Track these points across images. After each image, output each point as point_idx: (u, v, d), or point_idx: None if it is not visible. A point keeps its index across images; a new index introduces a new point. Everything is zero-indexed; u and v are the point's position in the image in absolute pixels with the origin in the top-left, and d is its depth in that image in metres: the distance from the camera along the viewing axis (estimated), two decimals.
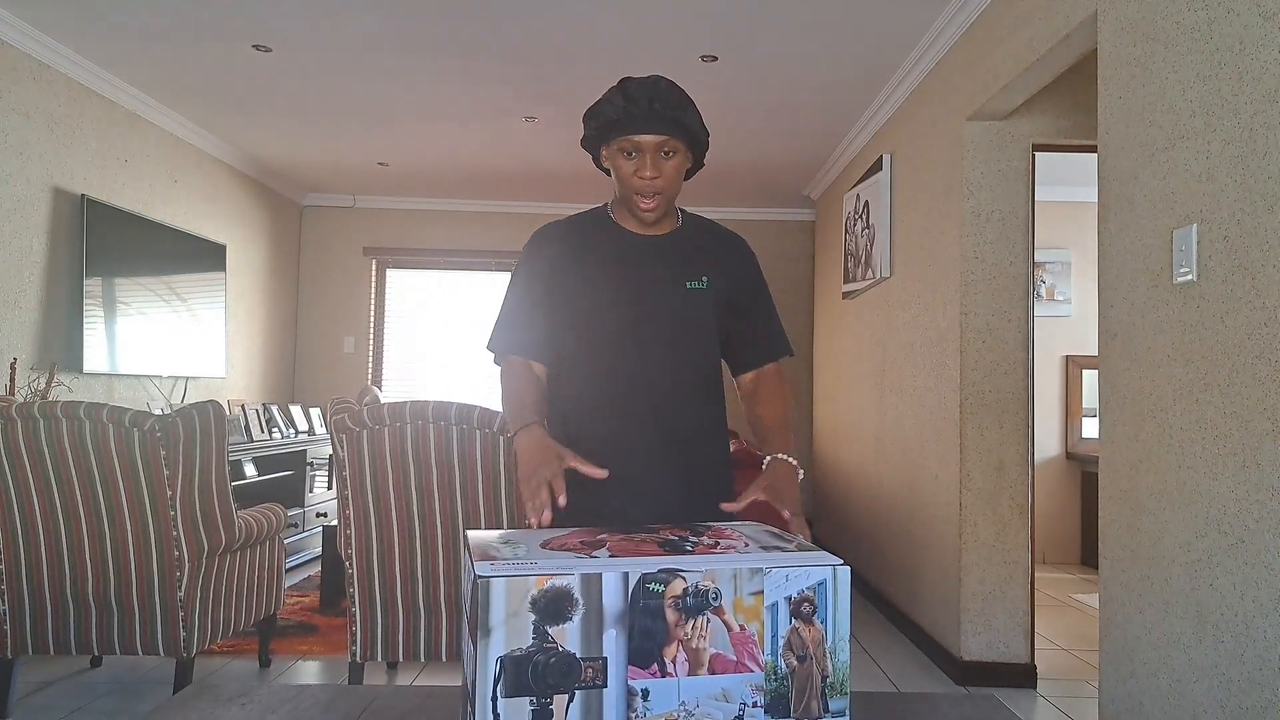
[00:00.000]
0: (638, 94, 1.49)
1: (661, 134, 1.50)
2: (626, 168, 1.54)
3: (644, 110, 1.49)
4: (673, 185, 1.56)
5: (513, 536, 0.88)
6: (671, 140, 1.51)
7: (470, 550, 0.81)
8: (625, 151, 1.53)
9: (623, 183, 1.56)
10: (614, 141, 1.54)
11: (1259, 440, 1.73)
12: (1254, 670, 1.74)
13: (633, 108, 1.49)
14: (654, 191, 1.54)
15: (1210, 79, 1.91)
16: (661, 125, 1.50)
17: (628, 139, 1.51)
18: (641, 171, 1.52)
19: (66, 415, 2.65)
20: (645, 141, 1.50)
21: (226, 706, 0.98)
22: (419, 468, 2.61)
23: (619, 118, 1.51)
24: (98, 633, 2.77)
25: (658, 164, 1.53)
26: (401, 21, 3.61)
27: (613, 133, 1.53)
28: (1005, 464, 3.34)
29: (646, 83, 1.51)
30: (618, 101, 1.51)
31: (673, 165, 1.54)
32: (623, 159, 1.54)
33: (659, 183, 1.53)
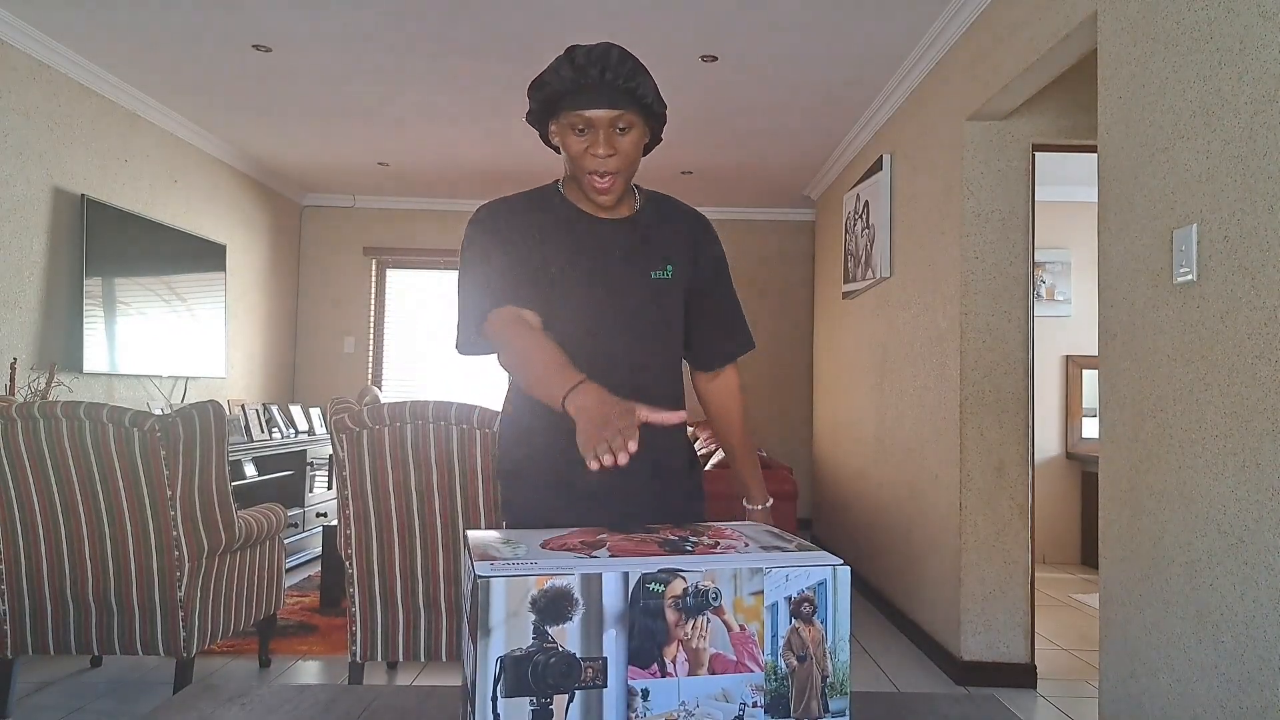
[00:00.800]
0: (586, 63, 1.34)
1: (615, 108, 1.36)
2: (577, 145, 1.39)
3: (594, 81, 1.34)
4: (630, 163, 1.41)
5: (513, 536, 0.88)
6: (626, 114, 1.37)
7: (470, 550, 0.81)
8: (575, 127, 1.38)
9: (574, 161, 1.41)
10: (562, 116, 1.39)
11: (1259, 440, 1.73)
12: (1254, 670, 1.74)
13: (581, 78, 1.34)
14: (608, 171, 1.39)
15: (1210, 79, 1.90)
16: (615, 98, 1.35)
17: (577, 114, 1.36)
18: (595, 149, 1.37)
19: (66, 415, 2.65)
20: (597, 116, 1.36)
21: (226, 707, 0.98)
22: (419, 468, 2.61)
23: (567, 89, 1.36)
24: (98, 633, 2.77)
25: (612, 140, 1.38)
26: (401, 21, 3.61)
27: (560, 106, 1.38)
28: (1005, 464, 3.34)
29: (596, 51, 1.36)
30: (565, 72, 1.35)
31: (629, 141, 1.39)
32: (573, 135, 1.39)
33: (614, 161, 1.39)
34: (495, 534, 0.90)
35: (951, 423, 3.45)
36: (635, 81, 1.36)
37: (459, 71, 4.16)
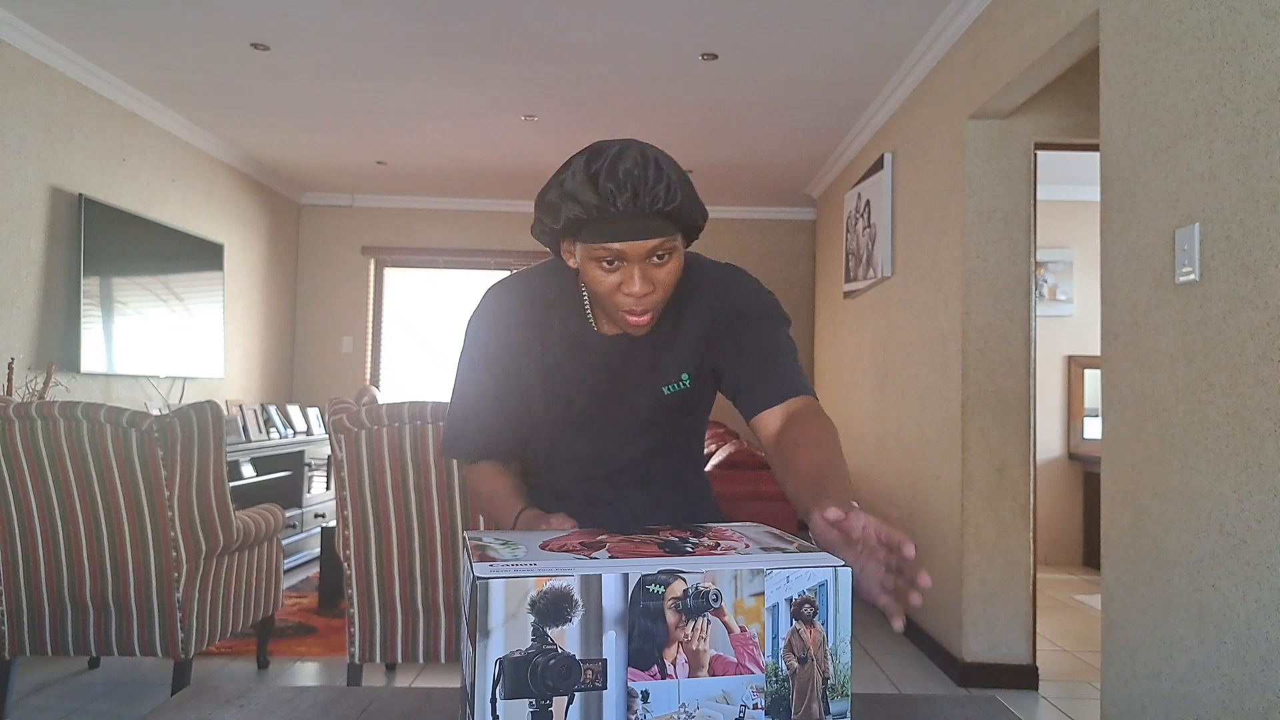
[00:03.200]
0: (615, 189, 1.08)
1: (653, 238, 1.11)
2: (605, 281, 1.15)
3: (625, 207, 1.09)
4: (670, 293, 1.19)
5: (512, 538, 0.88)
6: (667, 240, 1.12)
7: (469, 551, 0.80)
8: (602, 261, 1.13)
9: (601, 297, 1.17)
10: (584, 245, 1.14)
11: (1262, 441, 1.72)
12: (1256, 671, 1.73)
13: (609, 207, 1.09)
14: (646, 309, 1.17)
15: (1213, 78, 1.90)
16: (652, 227, 1.10)
17: (604, 246, 1.11)
18: (629, 287, 1.13)
19: (64, 416, 2.64)
20: (630, 250, 1.11)
21: (225, 708, 0.97)
22: (418, 468, 2.60)
23: (589, 218, 1.11)
24: (95, 634, 2.76)
25: (649, 274, 1.14)
26: (400, 20, 3.60)
27: (581, 235, 1.13)
28: (1007, 464, 3.33)
29: (623, 168, 1.08)
30: (586, 198, 1.09)
31: (668, 270, 1.16)
32: (599, 269, 1.14)
33: (653, 297, 1.16)
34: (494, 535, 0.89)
35: (953, 423, 3.45)
36: (675, 201, 1.10)
37: (458, 70, 4.15)
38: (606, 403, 1.33)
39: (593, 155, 1.11)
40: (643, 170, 1.09)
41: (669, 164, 1.12)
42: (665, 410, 1.34)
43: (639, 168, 1.09)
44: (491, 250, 6.88)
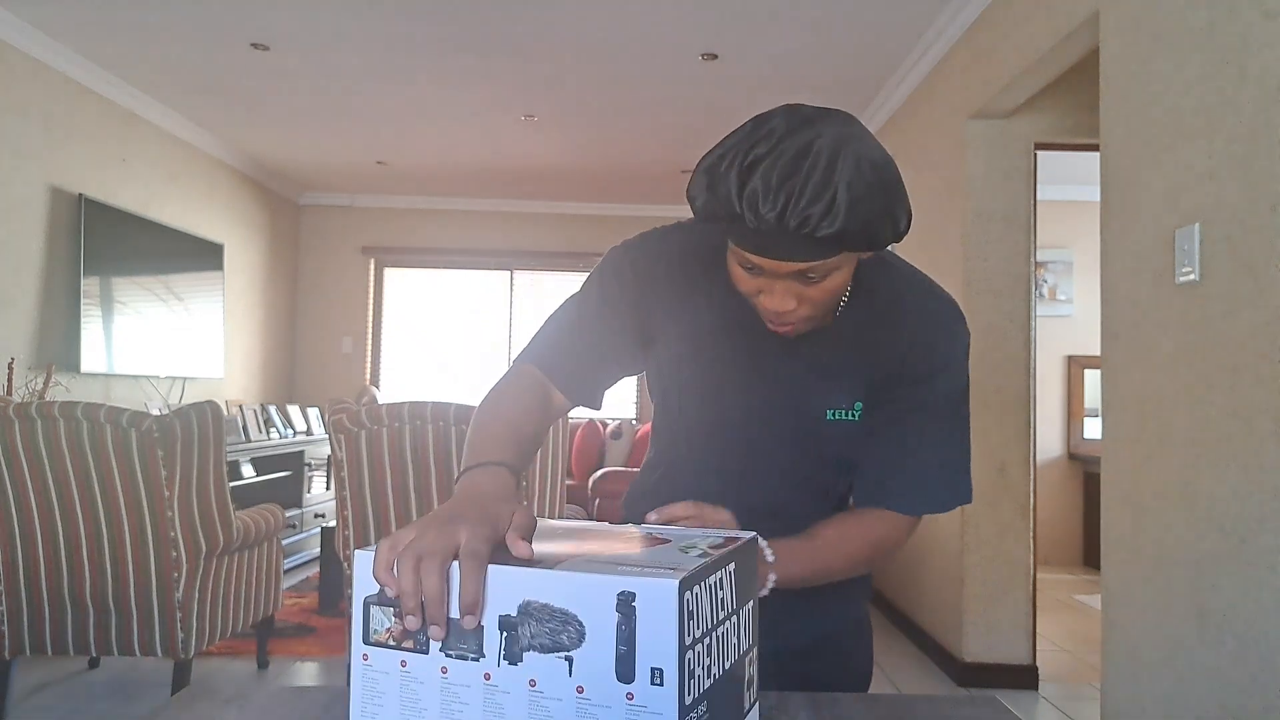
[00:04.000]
0: (761, 202, 0.84)
1: (801, 260, 0.89)
2: (745, 282, 0.97)
3: (769, 227, 0.85)
4: (825, 310, 0.98)
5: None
6: (821, 264, 0.90)
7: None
8: (745, 264, 0.94)
9: (744, 295, 1.00)
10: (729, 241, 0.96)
11: (1262, 441, 1.72)
12: (1256, 671, 1.73)
13: (751, 216, 0.85)
14: (787, 324, 0.98)
15: (1212, 78, 1.90)
16: (802, 250, 0.88)
17: (744, 254, 0.92)
18: (769, 302, 0.95)
19: (64, 416, 2.64)
20: (771, 266, 0.91)
21: (224, 708, 0.97)
22: (417, 468, 2.60)
23: (729, 218, 0.88)
24: (95, 634, 2.76)
25: (797, 290, 0.94)
26: (400, 21, 3.60)
27: (724, 227, 0.93)
28: (1007, 464, 3.33)
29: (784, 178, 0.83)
30: (726, 196, 0.86)
31: (824, 289, 0.94)
32: (739, 268, 0.96)
33: (797, 314, 0.96)
34: None
35: None
36: (833, 226, 0.84)
37: (458, 70, 4.15)
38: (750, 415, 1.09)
39: (762, 136, 0.87)
40: (805, 178, 0.83)
41: (851, 167, 0.85)
42: (824, 444, 1.08)
43: (802, 171, 0.84)
44: (491, 250, 6.88)
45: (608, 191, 6.40)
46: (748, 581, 0.84)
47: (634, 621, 0.69)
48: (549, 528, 0.90)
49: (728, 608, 0.78)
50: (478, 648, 0.72)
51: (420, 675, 0.74)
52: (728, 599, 0.78)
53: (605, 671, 0.69)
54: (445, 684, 0.73)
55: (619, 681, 0.69)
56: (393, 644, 0.76)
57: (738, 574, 0.81)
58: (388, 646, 0.76)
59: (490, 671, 0.72)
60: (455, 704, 0.73)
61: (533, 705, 0.71)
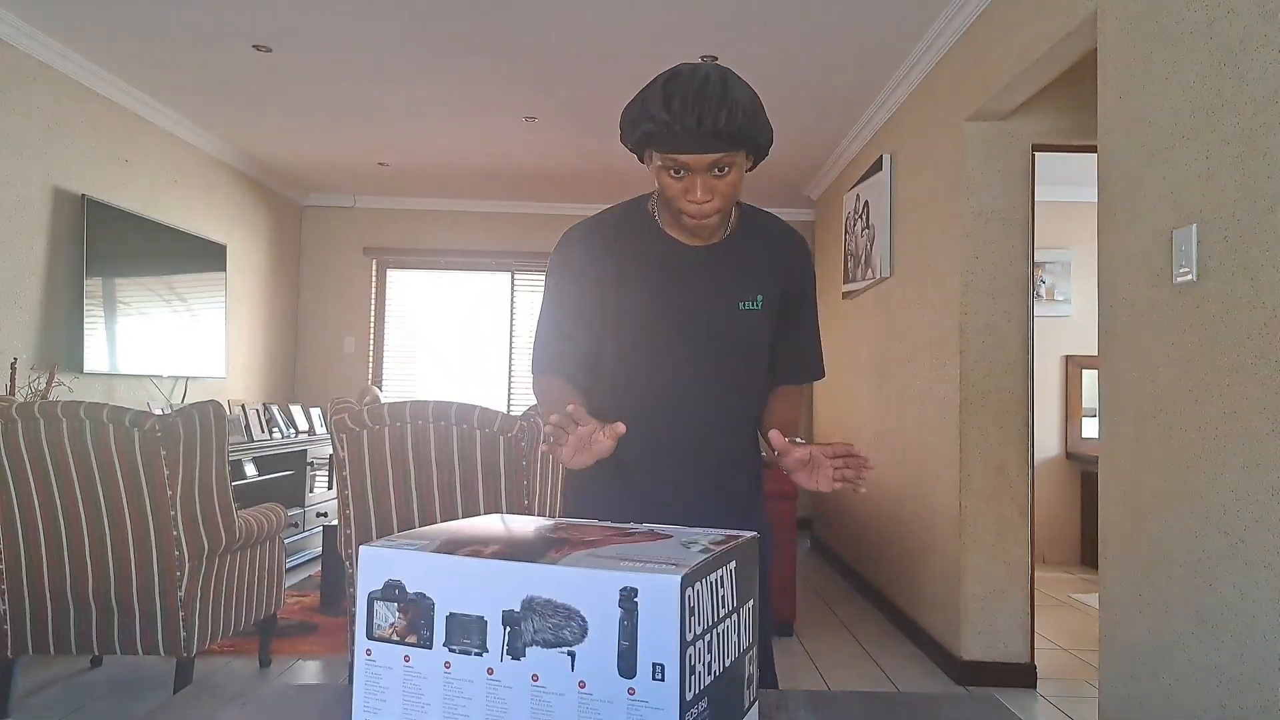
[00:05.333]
0: (682, 109, 1.23)
1: (714, 153, 1.26)
2: (672, 187, 1.31)
3: (690, 128, 1.24)
4: (729, 202, 1.33)
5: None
6: (726, 155, 1.27)
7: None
8: (669, 170, 1.29)
9: (669, 200, 1.34)
10: (655, 155, 1.31)
11: (1260, 440, 1.73)
12: (1255, 670, 1.74)
13: (676, 124, 1.24)
14: (706, 215, 1.32)
15: (1211, 79, 1.91)
16: (714, 143, 1.25)
17: (670, 157, 1.28)
18: (691, 194, 1.29)
19: (67, 415, 2.65)
20: (693, 161, 1.27)
21: (226, 706, 0.98)
22: (419, 468, 2.61)
23: (659, 132, 1.26)
24: (98, 632, 2.77)
25: (710, 185, 1.29)
26: (401, 21, 3.61)
27: (653, 146, 1.29)
28: (1005, 464, 3.34)
29: (693, 90, 1.24)
30: (657, 112, 1.25)
31: (728, 182, 1.30)
32: (667, 176, 1.31)
33: (711, 205, 1.31)
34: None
35: (951, 423, 3.45)
36: (738, 122, 1.24)
37: (460, 72, 4.16)
38: (684, 318, 1.41)
39: (671, 76, 1.27)
40: (709, 93, 1.23)
41: (739, 88, 1.26)
42: (738, 331, 1.42)
43: (707, 91, 1.24)
44: (493, 251, 6.89)
45: (608, 193, 6.41)
46: (748, 579, 0.85)
47: (636, 617, 0.70)
48: (549, 526, 0.91)
49: (728, 605, 0.79)
50: (480, 643, 0.73)
51: (423, 670, 0.75)
52: (729, 596, 0.79)
53: (607, 667, 0.70)
54: (448, 679, 0.74)
55: (621, 677, 0.70)
56: (396, 639, 0.77)
57: (738, 572, 0.82)
58: (391, 642, 0.77)
59: (493, 666, 0.73)
60: (458, 699, 0.74)
61: (535, 700, 0.72)
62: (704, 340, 1.41)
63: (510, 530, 0.87)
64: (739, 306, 1.42)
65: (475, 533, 0.85)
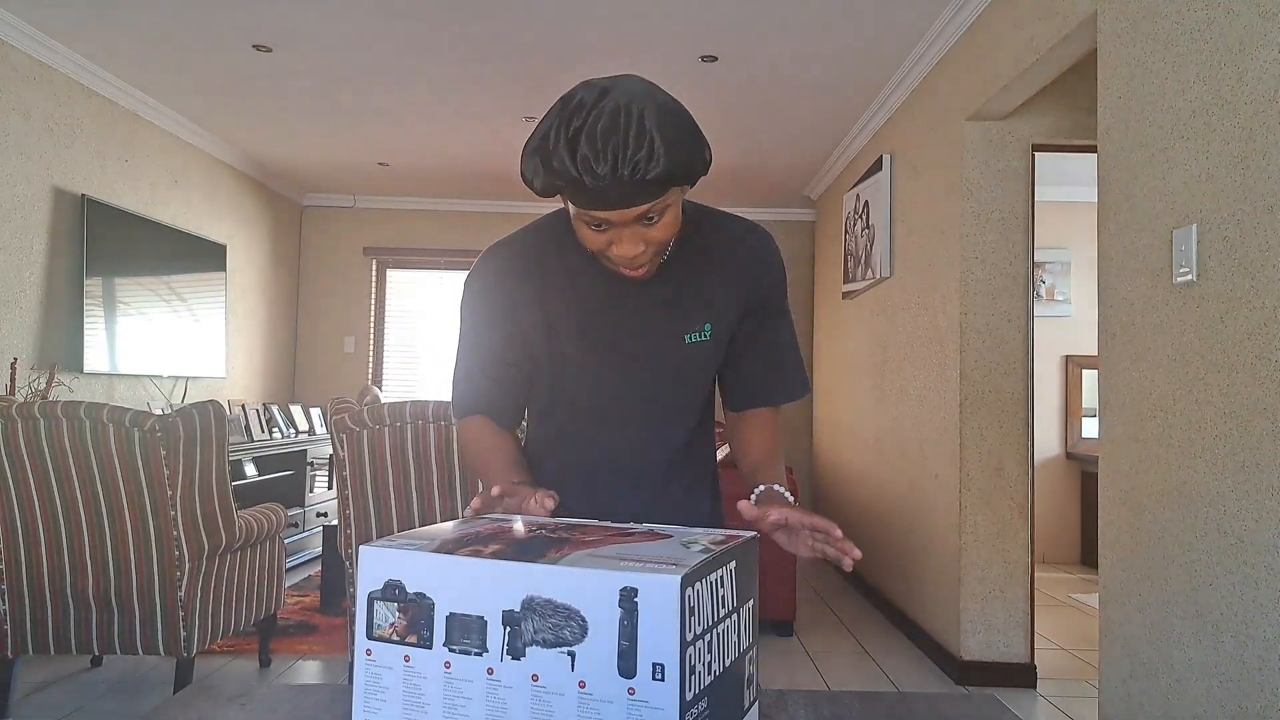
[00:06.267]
0: (592, 158, 0.98)
1: (639, 205, 1.02)
2: (595, 240, 1.08)
3: (606, 177, 0.99)
4: (666, 245, 1.11)
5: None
6: (657, 203, 1.04)
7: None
8: (589, 223, 1.07)
9: (593, 252, 1.12)
10: (571, 205, 1.07)
11: (1259, 440, 1.73)
12: (1254, 670, 1.74)
13: (587, 177, 0.99)
14: (639, 266, 1.11)
15: (1210, 79, 1.91)
16: (637, 195, 1.01)
17: (587, 213, 1.04)
18: (619, 249, 1.08)
19: (67, 415, 2.65)
20: (615, 217, 1.04)
21: (226, 706, 0.98)
22: (419, 467, 2.61)
23: (568, 188, 1.03)
24: (98, 632, 2.77)
25: (641, 234, 1.07)
26: (401, 22, 3.61)
27: (568, 195, 1.05)
28: (1005, 464, 3.34)
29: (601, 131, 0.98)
30: (563, 168, 1.00)
31: (662, 226, 1.07)
32: (586, 228, 1.08)
33: (644, 254, 1.09)
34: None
35: (951, 423, 3.45)
36: (658, 167, 0.99)
37: (459, 71, 4.16)
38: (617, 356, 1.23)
39: (574, 110, 1.00)
40: (624, 134, 0.97)
41: (656, 116, 0.99)
42: (684, 368, 1.25)
43: (619, 130, 0.98)
44: None
45: None
46: (748, 579, 0.85)
47: (636, 617, 0.70)
48: (550, 525, 0.91)
49: (728, 605, 0.79)
50: (480, 643, 0.74)
51: (423, 670, 0.75)
52: (728, 596, 0.79)
53: (607, 667, 0.70)
54: (448, 679, 0.74)
55: (621, 677, 0.70)
56: (396, 639, 0.77)
57: (738, 572, 0.82)
58: (391, 642, 0.77)
59: (493, 666, 0.73)
60: (458, 699, 0.74)
61: (535, 700, 0.72)
62: (645, 382, 1.24)
63: (510, 530, 0.87)
64: (684, 341, 1.23)
65: (475, 532, 0.85)
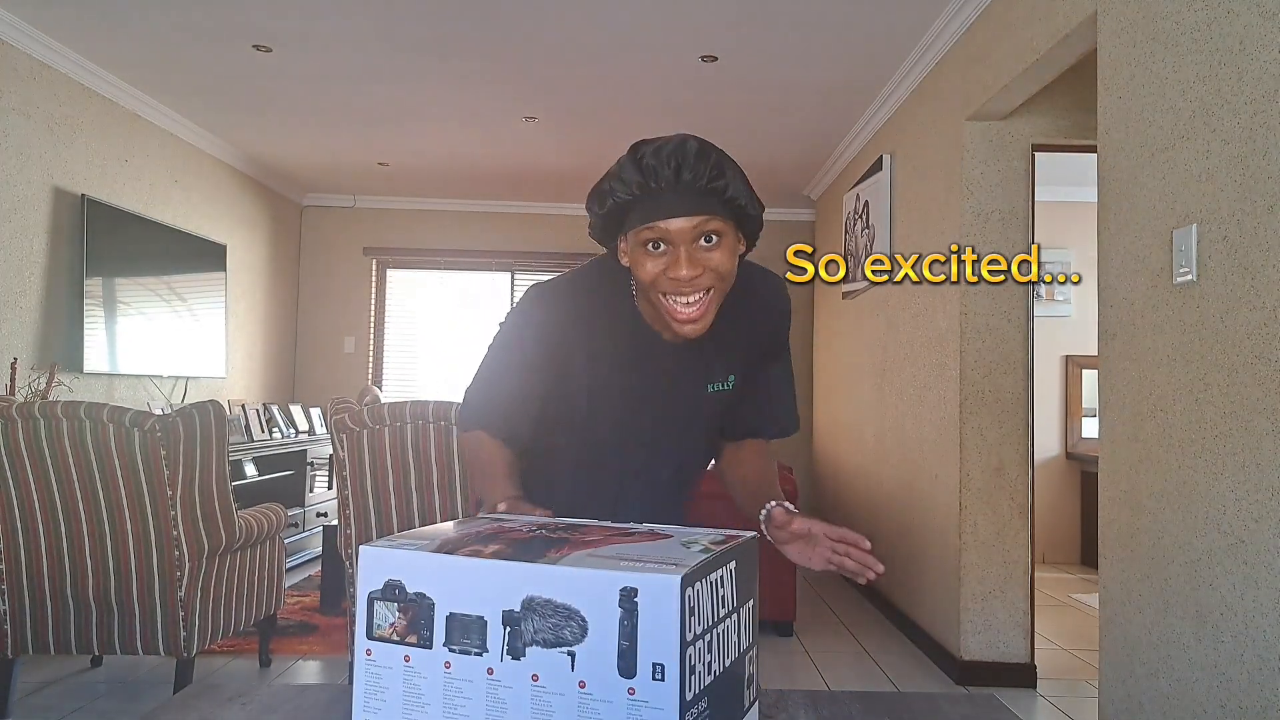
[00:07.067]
0: (656, 163, 1.06)
1: (698, 214, 1.07)
2: (653, 266, 1.10)
3: (668, 184, 1.06)
4: (723, 281, 1.13)
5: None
6: (713, 220, 1.08)
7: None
8: (648, 244, 1.10)
9: (650, 286, 1.13)
10: (631, 232, 1.11)
11: (1259, 440, 1.73)
12: (1254, 670, 1.74)
13: (651, 182, 1.07)
14: (696, 291, 1.11)
15: (1210, 79, 1.91)
16: (696, 202, 1.07)
17: (649, 226, 1.08)
18: (675, 270, 1.09)
19: (67, 415, 2.65)
20: (674, 229, 1.07)
21: (226, 706, 0.98)
22: (419, 467, 2.61)
23: (633, 198, 1.09)
24: (98, 632, 2.77)
25: (696, 256, 1.09)
26: (402, 22, 3.61)
27: (628, 220, 1.11)
28: (1005, 464, 3.34)
29: (668, 147, 1.08)
30: (629, 176, 1.08)
31: (719, 255, 1.10)
32: (646, 254, 1.10)
33: (703, 279, 1.10)
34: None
35: (951, 423, 3.45)
36: (722, 180, 1.08)
37: (459, 72, 4.16)
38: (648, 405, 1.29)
39: (642, 143, 1.11)
40: (688, 147, 1.08)
41: (720, 152, 1.11)
42: (703, 412, 1.32)
43: (684, 147, 1.08)
44: (493, 251, 6.88)
45: None
46: (748, 579, 0.85)
47: (636, 617, 0.70)
48: (550, 525, 0.91)
49: (728, 605, 0.79)
50: (480, 643, 0.74)
51: (423, 670, 0.75)
52: (729, 596, 0.79)
53: (607, 667, 0.70)
54: (448, 678, 0.74)
55: (621, 677, 0.70)
56: (396, 639, 0.77)
57: (738, 572, 0.82)
58: (391, 642, 0.77)
59: (493, 666, 0.73)
60: (458, 698, 0.74)
61: (535, 700, 0.72)
62: (667, 423, 1.31)
63: (510, 530, 0.87)
64: (708, 390, 1.29)
65: (475, 533, 0.85)
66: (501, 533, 0.85)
